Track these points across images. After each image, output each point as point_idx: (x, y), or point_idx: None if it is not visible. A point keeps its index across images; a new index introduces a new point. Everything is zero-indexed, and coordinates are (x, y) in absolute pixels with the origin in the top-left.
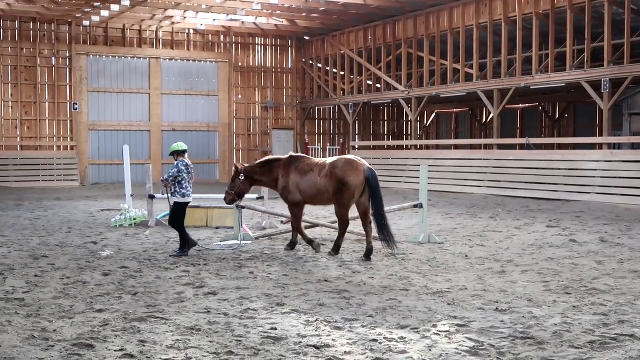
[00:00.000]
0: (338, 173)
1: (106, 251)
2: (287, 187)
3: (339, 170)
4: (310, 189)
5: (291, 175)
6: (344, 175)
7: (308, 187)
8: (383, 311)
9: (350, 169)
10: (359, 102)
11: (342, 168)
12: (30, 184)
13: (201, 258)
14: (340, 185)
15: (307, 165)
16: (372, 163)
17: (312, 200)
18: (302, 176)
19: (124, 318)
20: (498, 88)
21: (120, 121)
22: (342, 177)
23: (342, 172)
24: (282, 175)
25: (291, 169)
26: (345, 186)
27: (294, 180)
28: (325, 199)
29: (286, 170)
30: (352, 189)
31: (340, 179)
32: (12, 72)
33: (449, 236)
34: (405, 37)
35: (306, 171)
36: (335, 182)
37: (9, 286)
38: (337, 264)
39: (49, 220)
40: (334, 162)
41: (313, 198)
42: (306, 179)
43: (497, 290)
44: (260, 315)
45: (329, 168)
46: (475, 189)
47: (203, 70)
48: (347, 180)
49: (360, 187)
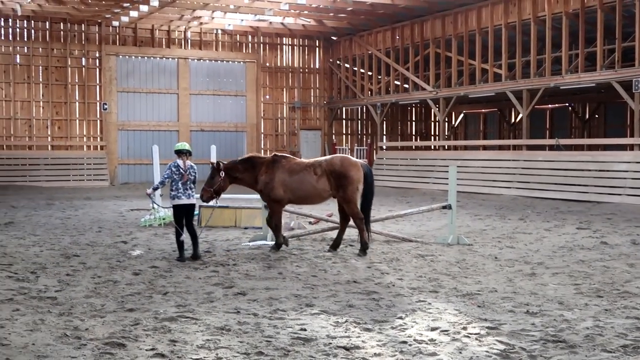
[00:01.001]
0: (339, 170)
1: (136, 250)
2: (270, 183)
3: (340, 167)
4: (303, 188)
5: (277, 173)
6: (345, 171)
7: (300, 185)
8: (412, 313)
9: (350, 164)
10: (386, 102)
11: (341, 165)
12: (61, 183)
13: (230, 258)
14: (343, 180)
15: (296, 165)
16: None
17: (302, 200)
18: (291, 175)
19: (155, 317)
20: (527, 88)
21: (149, 121)
22: (344, 173)
23: (343, 168)
24: (265, 173)
25: (276, 167)
26: (348, 180)
27: (281, 178)
28: (319, 199)
29: (270, 168)
30: (356, 183)
31: (343, 175)
32: (43, 72)
33: (478, 237)
34: (433, 37)
35: (296, 170)
36: (337, 179)
37: (41, 285)
38: (365, 265)
39: (79, 220)
40: (331, 161)
41: (305, 197)
42: (297, 178)
43: (527, 293)
44: (289, 315)
45: (326, 167)
46: (504, 190)
47: (231, 71)
48: (350, 174)
49: (361, 181)
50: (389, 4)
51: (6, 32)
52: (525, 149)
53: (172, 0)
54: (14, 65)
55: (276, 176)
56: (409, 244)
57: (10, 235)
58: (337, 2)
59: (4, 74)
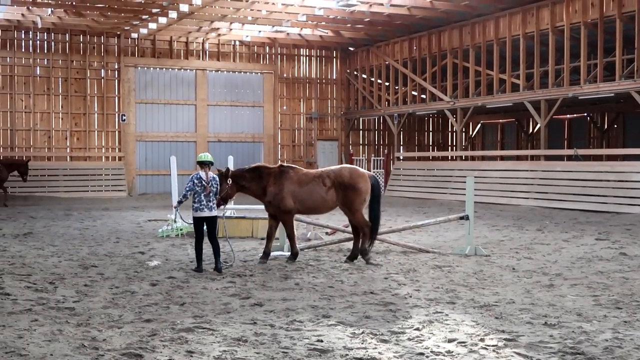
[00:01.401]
0: (348, 181)
1: (154, 261)
2: (279, 194)
3: (349, 179)
4: (312, 198)
5: (285, 184)
6: (354, 182)
7: (309, 196)
8: (430, 324)
9: (358, 176)
10: (403, 113)
11: (350, 176)
12: (79, 194)
13: (247, 269)
14: (352, 191)
15: (304, 176)
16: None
17: (310, 210)
18: (300, 186)
19: (172, 328)
20: (545, 98)
21: (167, 132)
22: (353, 184)
23: (352, 179)
24: (273, 184)
25: (284, 178)
26: (357, 192)
27: (290, 189)
28: (326, 209)
29: (278, 179)
30: (364, 194)
31: (352, 186)
32: (63, 84)
33: (496, 248)
34: (451, 48)
35: (305, 182)
36: (345, 190)
37: (59, 295)
38: (382, 276)
39: (97, 230)
40: (339, 172)
41: (314, 208)
42: (307, 189)
43: (545, 304)
44: (306, 326)
45: (335, 178)
46: (522, 201)
47: (248, 82)
48: (359, 186)
49: (369, 192)
50: (406, 15)
51: (27, 44)
52: (543, 159)
53: (191, 12)
54: (34, 77)
55: (285, 187)
56: (426, 254)
57: (29, 246)
58: (355, 13)
59: (24, 86)
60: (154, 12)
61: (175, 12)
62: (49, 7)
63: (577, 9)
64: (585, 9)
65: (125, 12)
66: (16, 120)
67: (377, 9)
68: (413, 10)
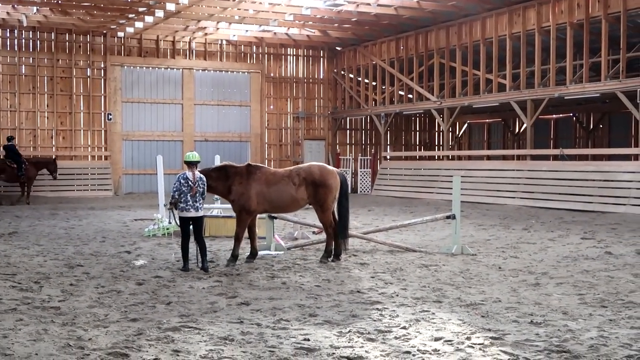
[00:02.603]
0: (318, 178)
1: (140, 260)
2: (245, 194)
3: (319, 177)
4: (282, 198)
5: (252, 184)
6: (324, 180)
7: (279, 196)
8: (416, 323)
9: (327, 173)
10: (390, 113)
11: (320, 173)
12: (65, 193)
13: (233, 268)
14: (323, 189)
15: (272, 176)
16: (403, 174)
17: (279, 209)
18: (268, 186)
19: (158, 327)
20: (531, 98)
21: (154, 131)
22: (323, 181)
23: (322, 176)
24: (239, 183)
25: (252, 178)
26: (328, 189)
27: (257, 190)
28: (296, 207)
29: (245, 179)
30: (334, 191)
31: (322, 183)
32: (48, 82)
33: (482, 247)
34: (438, 47)
35: (274, 182)
36: (315, 187)
37: (45, 294)
38: (369, 275)
39: (83, 230)
40: (309, 170)
41: (283, 207)
42: (275, 189)
43: (531, 303)
44: (293, 325)
45: (305, 176)
46: (509, 200)
47: (235, 81)
48: (329, 183)
49: (338, 189)
50: (393, 15)
51: (12, 42)
52: (529, 159)
53: (177, 11)
54: (19, 76)
55: (252, 187)
56: (413, 253)
57: (14, 245)
58: (342, 12)
59: (9, 85)
60: (140, 10)
61: (162, 11)
62: (34, 5)
63: (563, 9)
64: (571, 9)
65: (111, 11)
66: (1, 119)
67: (364, 8)
68: (400, 10)
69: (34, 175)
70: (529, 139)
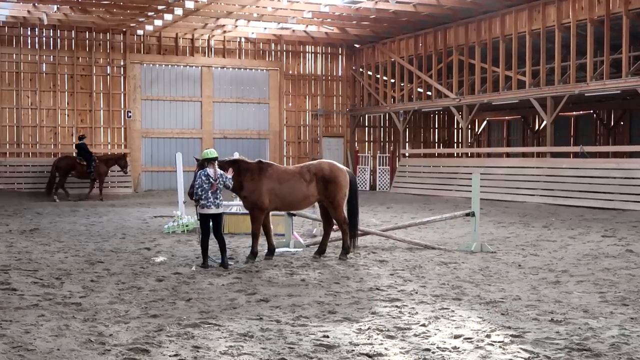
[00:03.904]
0: (328, 174)
1: (160, 257)
2: (257, 191)
3: (329, 173)
4: (293, 195)
5: (264, 180)
6: (334, 177)
7: (290, 193)
8: (435, 320)
9: (337, 170)
10: (409, 110)
11: (330, 170)
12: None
13: (253, 265)
14: (332, 185)
15: (283, 173)
16: (422, 171)
17: (291, 206)
18: (280, 183)
19: (178, 323)
20: (551, 95)
21: (173, 129)
22: (333, 177)
23: (332, 173)
24: (250, 179)
25: (263, 175)
26: (337, 185)
27: (269, 186)
28: (307, 204)
29: (257, 175)
30: (344, 188)
31: (332, 179)
32: (69, 80)
33: (502, 245)
34: (457, 44)
35: (285, 179)
36: (325, 183)
37: (66, 291)
38: (388, 272)
39: (103, 226)
40: (319, 166)
41: (295, 204)
42: (287, 186)
43: (551, 301)
44: (312, 322)
45: (314, 172)
46: (528, 198)
47: (254, 78)
48: (339, 180)
49: (348, 186)
50: (412, 12)
51: (32, 41)
52: (549, 156)
53: (196, 9)
54: (40, 74)
55: (264, 184)
56: (432, 251)
57: (36, 242)
58: (360, 10)
59: (30, 82)
60: (159, 8)
61: (181, 9)
62: (54, 3)
63: (584, 5)
64: (592, 5)
65: (130, 9)
66: (22, 116)
67: (382, 5)
68: (419, 7)
69: (105, 172)
70: (549, 136)
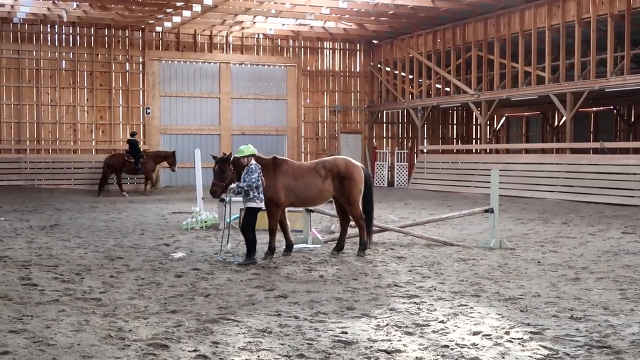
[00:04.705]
0: (344, 171)
1: (178, 253)
2: (272, 186)
3: (345, 169)
4: (309, 191)
5: (279, 176)
6: (350, 173)
7: (306, 189)
8: (454, 317)
9: (353, 166)
10: (427, 106)
11: (345, 166)
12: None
13: (271, 261)
14: (348, 181)
15: (298, 169)
16: (440, 167)
17: (306, 202)
18: (295, 179)
19: (197, 319)
20: (571, 91)
21: (191, 125)
22: (349, 174)
23: (348, 169)
24: (266, 175)
25: (278, 171)
26: (353, 181)
27: (285, 183)
28: (322, 200)
29: (272, 171)
30: (360, 184)
31: (348, 175)
32: (88, 77)
33: (521, 242)
34: (475, 40)
35: (300, 175)
36: (342, 179)
37: (86, 286)
38: (406, 268)
39: (122, 222)
40: (334, 162)
41: (310, 200)
42: (302, 182)
43: (571, 298)
44: (330, 318)
45: (330, 168)
46: (547, 194)
47: (272, 75)
48: (355, 176)
49: (363, 182)
50: (430, 7)
51: (52, 38)
52: (568, 153)
53: (214, 6)
54: (60, 70)
55: (279, 180)
56: (451, 247)
57: (56, 238)
58: (379, 5)
59: (50, 79)
60: (178, 5)
61: (199, 6)
62: (74, 1)
63: (604, 0)
64: (612, 0)
65: (149, 6)
66: (42, 113)
67: (401, 1)
68: (437, 3)
69: (152, 168)
70: (569, 132)
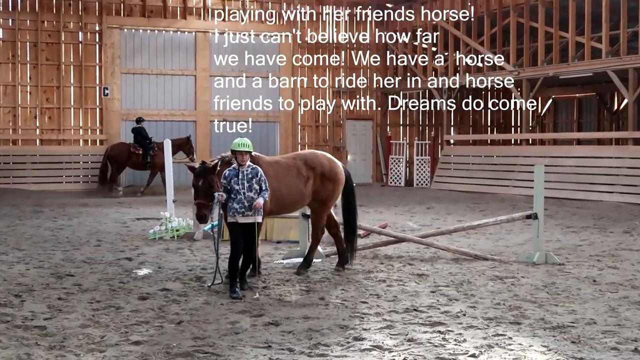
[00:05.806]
0: (329, 172)
1: (143, 269)
2: None
3: (329, 169)
4: (291, 195)
5: None
6: (334, 174)
7: (289, 193)
8: (489, 349)
9: (333, 162)
10: (455, 87)
11: (329, 165)
12: (52, 186)
13: (259, 279)
14: (331, 183)
15: (278, 167)
16: (471, 162)
17: (285, 209)
18: (279, 181)
19: (166, 352)
20: (634, 67)
21: (160, 109)
22: (333, 176)
23: (331, 169)
24: None
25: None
26: (336, 184)
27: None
28: (300, 206)
29: None
30: (341, 187)
31: (331, 177)
32: (31, 50)
33: (572, 255)
34: (515, 4)
35: (283, 175)
36: (324, 181)
37: (27, 311)
38: (429, 289)
39: (74, 231)
40: (317, 161)
41: (290, 206)
42: (285, 184)
43: (635, 326)
44: (333, 352)
45: (313, 166)
46: (605, 196)
47: (261, 47)
48: (338, 177)
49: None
50: None
51: None
52: (631, 144)
53: None
54: None
55: None
56: (484, 262)
57: None
58: None
59: None
60: None
61: None
62: None
63: None
64: None
65: None
66: None
67: None
68: None
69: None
70: (631, 118)
